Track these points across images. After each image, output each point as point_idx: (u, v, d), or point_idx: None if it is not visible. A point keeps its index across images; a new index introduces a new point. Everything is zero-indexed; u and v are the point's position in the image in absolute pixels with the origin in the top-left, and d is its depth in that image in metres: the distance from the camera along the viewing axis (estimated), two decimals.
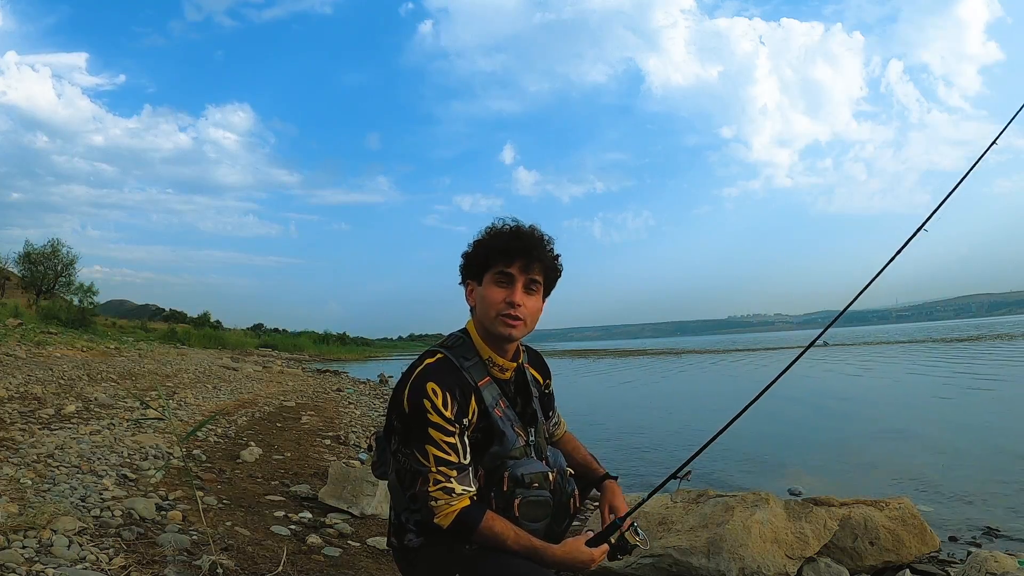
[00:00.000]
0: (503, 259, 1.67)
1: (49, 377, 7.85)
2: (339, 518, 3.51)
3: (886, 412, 9.82)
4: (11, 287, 31.55)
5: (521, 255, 1.67)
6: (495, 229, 1.72)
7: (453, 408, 1.60)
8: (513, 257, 1.67)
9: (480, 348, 1.72)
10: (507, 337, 1.68)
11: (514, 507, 1.64)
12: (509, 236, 1.70)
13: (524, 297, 1.67)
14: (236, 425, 6.38)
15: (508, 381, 1.78)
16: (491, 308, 1.67)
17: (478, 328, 1.73)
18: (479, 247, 1.72)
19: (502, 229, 1.72)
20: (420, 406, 1.59)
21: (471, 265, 1.74)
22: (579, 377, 22.58)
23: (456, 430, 1.61)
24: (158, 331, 37.70)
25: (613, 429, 9.39)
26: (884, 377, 16.76)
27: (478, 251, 1.72)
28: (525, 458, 1.71)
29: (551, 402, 1.99)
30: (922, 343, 33.16)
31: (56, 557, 2.15)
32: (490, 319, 1.68)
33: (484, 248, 1.71)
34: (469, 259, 1.74)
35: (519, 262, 1.67)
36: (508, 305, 1.66)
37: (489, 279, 1.69)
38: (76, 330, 20.67)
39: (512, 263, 1.67)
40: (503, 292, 1.67)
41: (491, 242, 1.70)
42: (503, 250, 1.67)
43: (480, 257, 1.71)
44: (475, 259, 1.72)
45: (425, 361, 1.67)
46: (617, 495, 1.87)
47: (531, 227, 1.73)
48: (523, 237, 1.69)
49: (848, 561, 3.11)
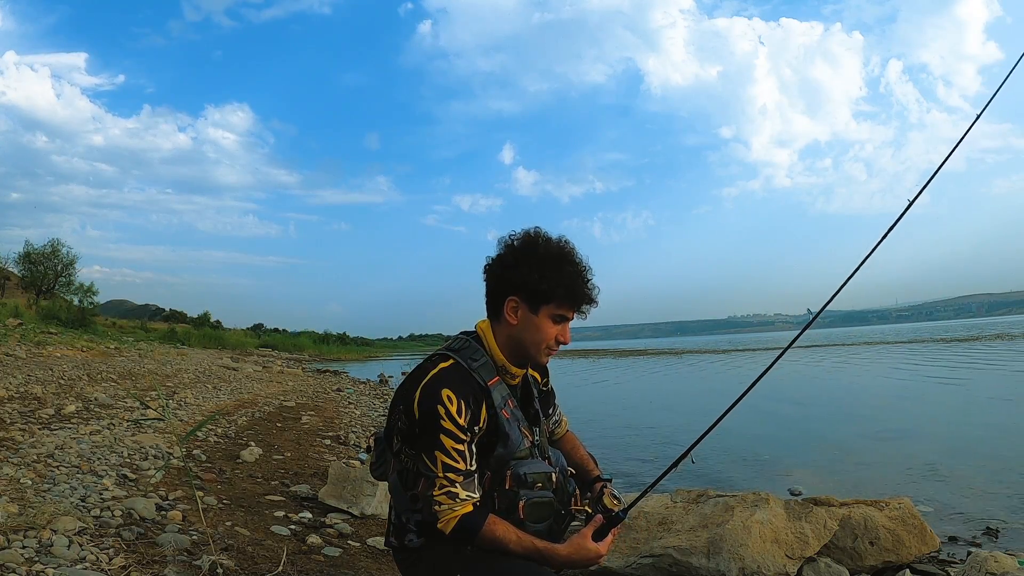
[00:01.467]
0: (568, 304, 1.68)
1: (49, 377, 7.85)
2: (339, 518, 3.51)
3: (886, 412, 9.82)
4: (11, 287, 31.55)
5: (585, 303, 1.70)
6: (559, 253, 1.68)
7: (467, 416, 1.60)
8: (579, 306, 1.70)
9: (495, 354, 1.72)
10: (544, 365, 1.76)
11: (519, 509, 1.64)
12: (579, 278, 1.68)
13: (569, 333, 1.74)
14: (236, 425, 6.38)
15: (516, 385, 1.79)
16: (543, 342, 1.70)
17: (508, 342, 1.71)
18: (546, 281, 1.65)
19: (569, 260, 1.68)
20: (433, 412, 1.58)
21: (531, 292, 1.66)
22: (579, 377, 22.57)
23: (467, 438, 1.60)
24: (158, 331, 37.73)
25: (613, 429, 9.39)
26: (884, 377, 16.76)
27: (543, 284, 1.65)
28: (530, 459, 1.72)
29: (551, 399, 2.00)
30: (922, 343, 33.17)
31: (56, 557, 2.15)
32: (537, 349, 1.70)
33: (551, 284, 1.65)
34: (529, 285, 1.66)
35: (578, 310, 1.71)
36: (558, 344, 1.71)
37: (546, 314, 1.68)
38: (76, 330, 20.68)
39: (573, 309, 1.70)
40: (557, 330, 1.70)
41: (561, 277, 1.65)
42: (572, 296, 1.67)
43: (544, 291, 1.66)
44: (538, 290, 1.66)
45: (439, 365, 1.66)
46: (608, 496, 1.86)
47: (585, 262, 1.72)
48: (589, 283, 1.70)
49: (848, 561, 3.11)
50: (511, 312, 1.69)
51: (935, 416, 9.31)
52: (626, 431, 9.20)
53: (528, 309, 1.68)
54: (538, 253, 1.67)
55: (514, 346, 1.71)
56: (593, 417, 10.81)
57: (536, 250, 1.67)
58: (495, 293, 1.71)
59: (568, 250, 1.70)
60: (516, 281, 1.67)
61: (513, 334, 1.70)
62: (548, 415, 1.97)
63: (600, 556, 1.65)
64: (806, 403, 11.75)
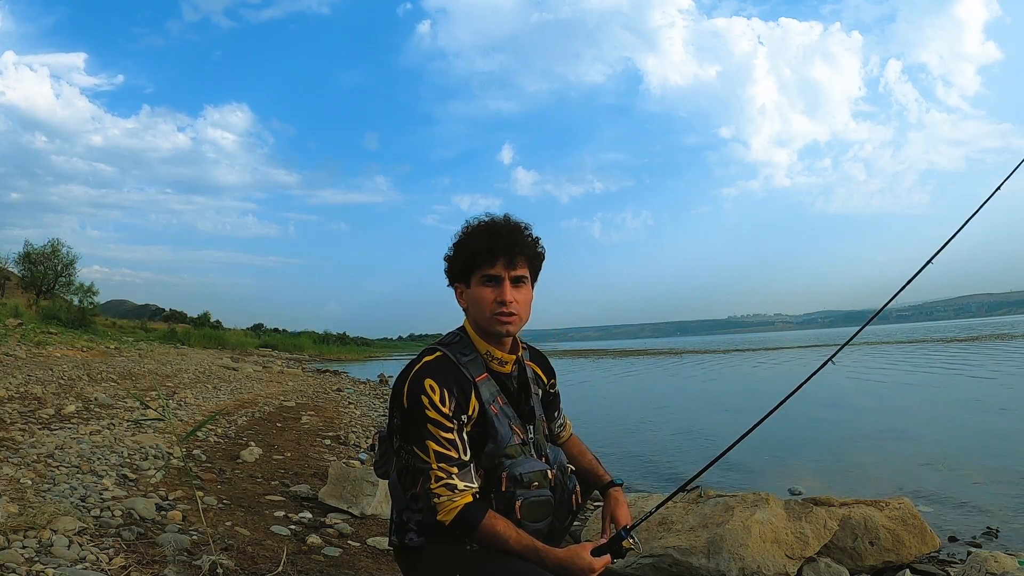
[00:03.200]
0: (486, 261, 1.67)
1: (49, 377, 7.85)
2: (339, 518, 3.51)
3: (886, 412, 9.82)
4: (11, 287, 31.52)
5: (502, 253, 1.66)
6: (471, 228, 1.72)
7: (451, 404, 1.61)
8: (496, 257, 1.66)
9: (478, 344, 1.73)
10: (504, 334, 1.70)
11: (516, 509, 1.64)
12: (487, 235, 1.68)
13: (514, 293, 1.68)
14: (236, 425, 6.38)
15: (510, 376, 1.78)
16: (484, 309, 1.68)
17: (474, 326, 1.74)
18: (459, 250, 1.72)
19: (477, 228, 1.71)
20: (418, 402, 1.60)
21: (455, 269, 1.74)
22: (579, 377, 22.57)
23: (454, 426, 1.61)
24: (158, 331, 37.71)
25: (614, 429, 9.38)
26: (883, 377, 16.75)
27: (459, 254, 1.72)
28: (523, 457, 1.71)
29: (557, 402, 1.99)
30: (922, 343, 33.17)
31: (56, 557, 2.15)
32: (485, 319, 1.69)
33: (464, 251, 1.71)
34: (452, 263, 1.74)
35: (502, 260, 1.67)
36: (499, 304, 1.67)
37: (476, 281, 1.69)
38: (76, 330, 20.68)
39: (495, 263, 1.67)
40: (492, 292, 1.67)
41: (470, 243, 1.70)
42: (483, 251, 1.67)
43: (462, 261, 1.71)
44: (458, 263, 1.72)
45: (424, 359, 1.68)
46: (620, 504, 1.85)
47: (505, 218, 1.73)
48: (500, 234, 1.68)
49: (848, 561, 3.11)
50: (460, 299, 1.75)
51: (935, 416, 9.30)
52: (628, 431, 9.20)
53: (465, 287, 1.72)
54: (461, 234, 1.74)
55: (480, 329, 1.73)
56: (594, 417, 10.80)
57: (460, 233, 1.74)
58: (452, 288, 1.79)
59: (480, 220, 1.73)
60: (449, 271, 1.76)
61: (470, 317, 1.74)
62: (553, 418, 1.97)
63: (592, 571, 1.61)
64: (806, 403, 11.75)
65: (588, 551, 1.61)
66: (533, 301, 1.76)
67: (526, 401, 1.82)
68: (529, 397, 1.83)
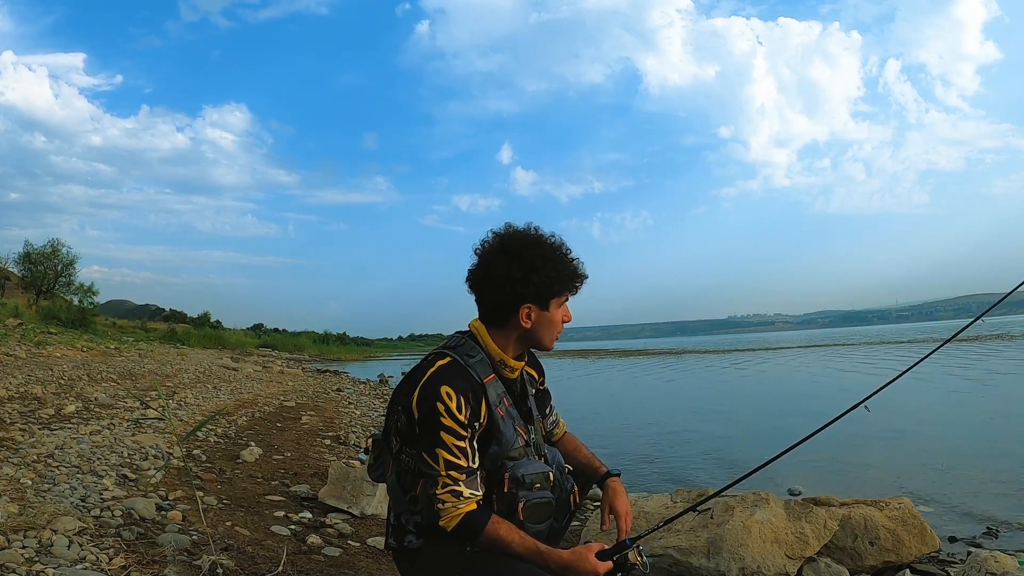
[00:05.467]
0: (570, 290, 1.76)
1: (49, 377, 7.85)
2: (339, 518, 3.51)
3: (886, 412, 9.81)
4: (11, 287, 31.52)
5: (579, 281, 1.77)
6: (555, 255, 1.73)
7: (467, 412, 1.60)
8: (579, 287, 1.77)
9: (492, 350, 1.72)
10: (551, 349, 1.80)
11: (518, 511, 1.64)
12: (571, 265, 1.75)
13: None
14: (236, 425, 6.37)
15: (514, 380, 1.79)
16: (556, 331, 1.76)
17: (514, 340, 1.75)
18: (548, 278, 1.70)
19: (556, 252, 1.74)
20: (433, 409, 1.59)
21: (539, 293, 1.70)
22: (578, 377, 22.57)
23: (468, 434, 1.61)
24: (158, 331, 37.75)
25: (614, 429, 9.39)
26: (883, 377, 16.75)
27: (547, 280, 1.70)
28: (525, 458, 1.71)
29: (547, 399, 2.00)
30: (922, 343, 33.14)
31: (56, 557, 2.15)
32: (552, 339, 1.77)
33: (554, 278, 1.71)
34: (537, 287, 1.69)
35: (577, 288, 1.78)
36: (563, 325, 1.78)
37: (556, 306, 1.75)
38: (76, 330, 20.69)
39: (574, 291, 1.78)
40: (562, 314, 1.77)
41: (560, 273, 1.72)
42: (571, 281, 1.75)
43: (549, 286, 1.71)
44: (545, 288, 1.71)
45: (437, 363, 1.67)
46: (619, 494, 1.86)
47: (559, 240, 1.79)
48: (576, 262, 1.76)
49: (848, 561, 3.11)
50: (525, 318, 1.72)
51: (935, 416, 9.30)
52: (629, 432, 9.20)
53: (540, 309, 1.72)
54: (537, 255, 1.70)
55: (523, 342, 1.76)
56: (594, 417, 10.80)
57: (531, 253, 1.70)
58: (505, 305, 1.71)
59: (550, 242, 1.75)
60: (527, 291, 1.69)
61: (524, 334, 1.74)
62: (545, 415, 1.97)
63: (596, 574, 1.61)
64: (806, 402, 11.75)
65: (593, 553, 1.61)
66: None
67: (524, 402, 1.83)
68: (527, 398, 1.84)
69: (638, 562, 1.67)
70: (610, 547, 1.66)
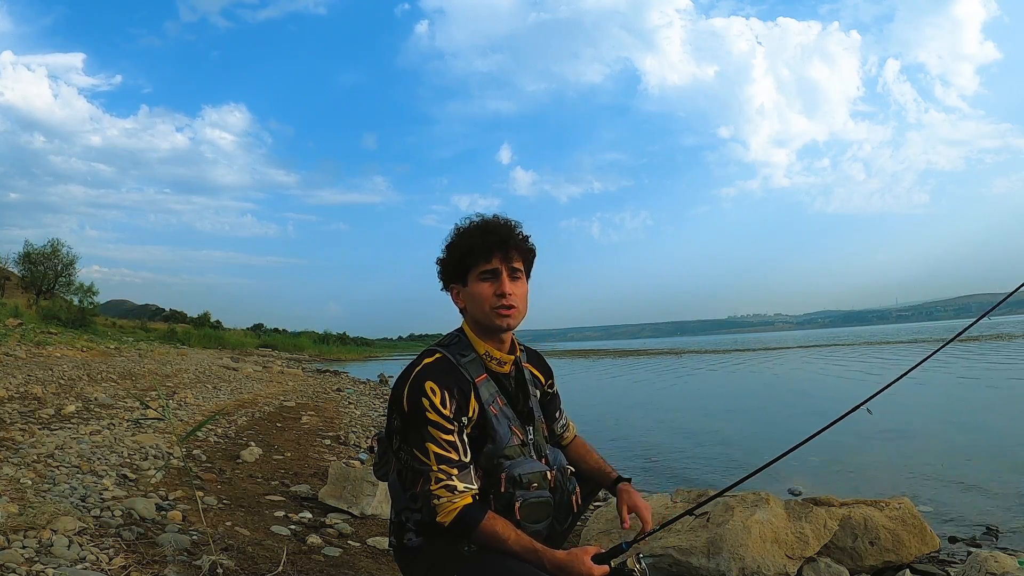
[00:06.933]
0: (482, 257, 1.70)
1: (49, 377, 7.85)
2: (339, 518, 3.51)
3: (886, 412, 9.81)
4: (11, 287, 31.53)
5: (498, 248, 1.70)
6: (462, 229, 1.76)
7: (451, 406, 1.61)
8: (492, 252, 1.70)
9: (476, 344, 1.74)
10: (505, 327, 1.72)
11: (515, 510, 1.64)
12: (480, 232, 1.72)
13: (512, 286, 1.71)
14: (236, 425, 6.38)
15: (508, 376, 1.79)
16: (484, 304, 1.70)
17: (472, 326, 1.76)
18: (453, 251, 1.75)
19: (469, 227, 1.75)
20: (418, 404, 1.61)
21: (450, 270, 1.76)
22: (579, 377, 22.57)
23: (455, 428, 1.62)
24: (158, 331, 37.75)
25: (614, 429, 9.38)
26: (883, 377, 16.78)
27: (454, 255, 1.75)
28: (522, 458, 1.71)
29: (556, 402, 1.99)
30: (922, 343, 33.15)
31: (56, 557, 2.15)
32: (485, 314, 1.70)
33: (458, 250, 1.73)
34: (446, 264, 1.77)
35: (498, 255, 1.70)
36: (499, 297, 1.69)
37: (474, 278, 1.71)
38: (76, 330, 20.69)
39: (492, 258, 1.70)
40: (491, 286, 1.70)
41: (465, 243, 1.72)
42: (479, 247, 1.70)
43: (457, 260, 1.73)
44: (453, 263, 1.75)
45: (424, 360, 1.69)
46: (635, 496, 1.85)
47: (495, 217, 1.77)
48: (494, 230, 1.72)
49: (848, 561, 3.10)
50: (456, 299, 1.78)
51: (935, 416, 9.30)
52: (629, 432, 9.20)
53: (462, 286, 1.74)
54: (451, 236, 1.77)
55: (480, 327, 1.75)
56: (594, 417, 10.80)
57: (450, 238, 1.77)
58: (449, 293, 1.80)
59: (470, 220, 1.77)
60: (444, 273, 1.78)
61: (469, 316, 1.76)
62: (555, 418, 1.97)
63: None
64: (806, 402, 11.75)
65: (589, 555, 1.59)
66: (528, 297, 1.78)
67: (524, 402, 1.82)
68: (527, 398, 1.83)
69: (636, 568, 1.63)
70: (606, 550, 1.64)
